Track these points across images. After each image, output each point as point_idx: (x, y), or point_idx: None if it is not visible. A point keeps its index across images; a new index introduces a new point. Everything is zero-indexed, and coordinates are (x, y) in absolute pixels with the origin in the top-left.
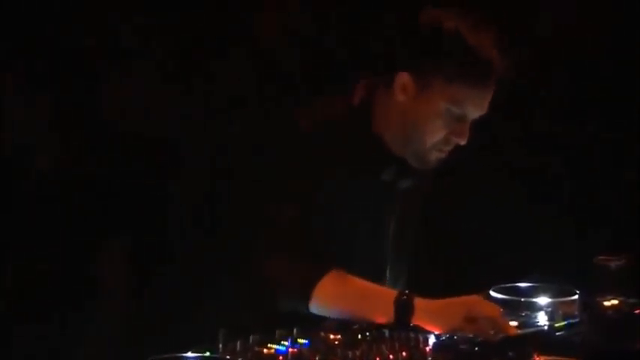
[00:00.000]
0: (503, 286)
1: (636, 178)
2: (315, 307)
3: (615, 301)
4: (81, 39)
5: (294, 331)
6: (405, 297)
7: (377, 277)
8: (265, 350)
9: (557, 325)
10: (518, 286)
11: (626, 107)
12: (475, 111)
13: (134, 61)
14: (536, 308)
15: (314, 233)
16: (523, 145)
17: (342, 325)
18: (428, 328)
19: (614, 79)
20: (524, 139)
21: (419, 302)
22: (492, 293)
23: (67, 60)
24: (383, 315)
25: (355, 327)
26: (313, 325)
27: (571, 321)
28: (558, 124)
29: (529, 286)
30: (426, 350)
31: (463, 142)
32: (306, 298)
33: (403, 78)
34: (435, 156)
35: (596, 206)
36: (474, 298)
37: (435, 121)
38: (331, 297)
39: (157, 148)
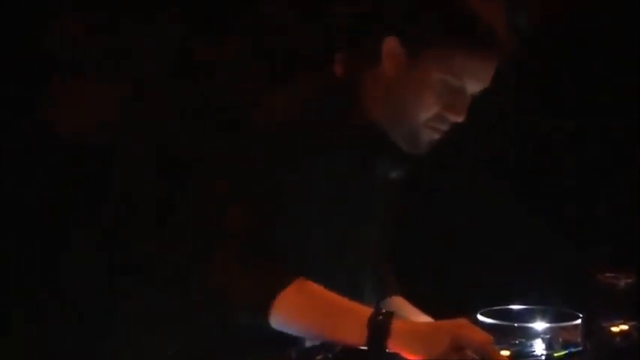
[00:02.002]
0: (493, 308)
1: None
2: (276, 321)
3: (624, 327)
4: None
5: None
6: (381, 317)
7: (353, 287)
8: None
9: (556, 354)
10: (510, 309)
11: (629, 109)
12: (475, 84)
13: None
14: (532, 335)
15: (279, 235)
16: (515, 148)
17: (304, 356)
18: (407, 355)
19: (621, 81)
20: (518, 143)
21: (398, 324)
22: (480, 317)
23: None
24: (354, 336)
25: (319, 357)
26: (269, 352)
27: (573, 350)
28: (559, 126)
29: (523, 309)
30: None
31: (460, 119)
32: (266, 309)
33: (391, 44)
34: (428, 136)
35: (601, 215)
36: (461, 322)
37: (429, 94)
38: (295, 310)
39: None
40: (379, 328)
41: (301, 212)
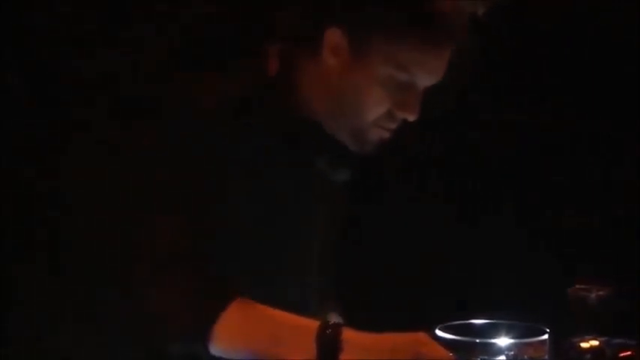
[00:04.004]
0: (453, 323)
1: (622, 186)
2: (218, 347)
3: (595, 342)
4: None
5: None
6: (329, 330)
7: (304, 302)
8: None
9: None
10: (471, 324)
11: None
12: (427, 78)
13: None
14: (495, 351)
15: (214, 250)
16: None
17: None
18: None
19: (614, 83)
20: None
21: (350, 335)
22: (439, 333)
23: None
24: (304, 352)
25: None
26: None
27: None
28: (526, 123)
29: (486, 324)
30: None
31: (413, 117)
32: (206, 337)
33: (334, 36)
34: (377, 135)
35: (571, 223)
36: (421, 337)
37: (377, 91)
38: (238, 334)
39: None
40: (329, 341)
41: (236, 223)
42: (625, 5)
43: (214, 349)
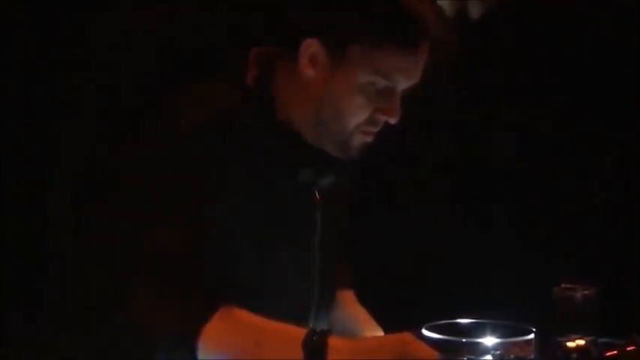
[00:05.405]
0: (439, 323)
1: (604, 185)
2: (204, 355)
3: (581, 342)
4: None
5: None
6: (316, 337)
7: (302, 311)
8: None
9: None
10: (458, 323)
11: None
12: (406, 81)
13: None
14: (482, 351)
15: (214, 250)
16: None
17: None
18: None
19: (590, 81)
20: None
21: (336, 342)
22: (425, 332)
23: None
24: None
25: None
26: None
27: None
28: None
29: (472, 323)
30: None
31: (394, 120)
32: (191, 345)
33: (311, 47)
34: (359, 140)
35: (556, 222)
36: (406, 337)
37: (357, 98)
38: (223, 342)
39: None
40: (315, 348)
41: (233, 232)
42: (625, 5)
43: (201, 356)
